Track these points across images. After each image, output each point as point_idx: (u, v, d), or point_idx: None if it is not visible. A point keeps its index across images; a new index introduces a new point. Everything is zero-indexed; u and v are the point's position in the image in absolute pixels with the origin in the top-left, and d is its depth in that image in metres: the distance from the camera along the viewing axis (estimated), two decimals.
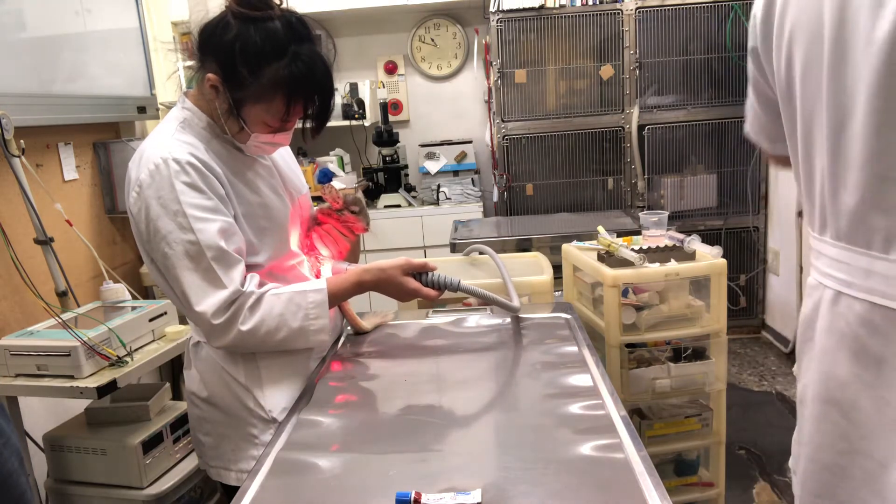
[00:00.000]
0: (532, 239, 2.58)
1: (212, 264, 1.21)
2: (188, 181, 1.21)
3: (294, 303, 1.27)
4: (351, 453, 1.01)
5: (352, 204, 1.49)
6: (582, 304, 2.08)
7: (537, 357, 1.32)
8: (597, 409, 1.07)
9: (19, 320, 2.09)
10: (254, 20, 1.20)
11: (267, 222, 1.33)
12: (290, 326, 1.27)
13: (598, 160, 3.63)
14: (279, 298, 1.27)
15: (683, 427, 1.94)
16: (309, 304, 1.28)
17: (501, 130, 3.56)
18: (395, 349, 1.45)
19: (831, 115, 0.87)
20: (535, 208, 3.65)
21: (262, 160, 1.39)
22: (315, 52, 1.23)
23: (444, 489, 0.86)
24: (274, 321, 1.25)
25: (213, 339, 1.26)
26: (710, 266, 1.84)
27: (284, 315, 1.26)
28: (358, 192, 1.56)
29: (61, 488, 1.90)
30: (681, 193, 3.63)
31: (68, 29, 2.40)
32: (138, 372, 1.81)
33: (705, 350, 1.93)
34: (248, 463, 1.33)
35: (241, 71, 1.20)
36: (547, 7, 3.44)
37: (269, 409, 1.31)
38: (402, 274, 1.37)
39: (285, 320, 1.26)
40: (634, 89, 3.53)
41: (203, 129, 1.29)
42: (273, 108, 1.24)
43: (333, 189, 1.46)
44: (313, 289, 1.30)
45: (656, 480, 0.86)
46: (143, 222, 1.22)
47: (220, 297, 1.21)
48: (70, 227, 2.25)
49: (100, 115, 2.56)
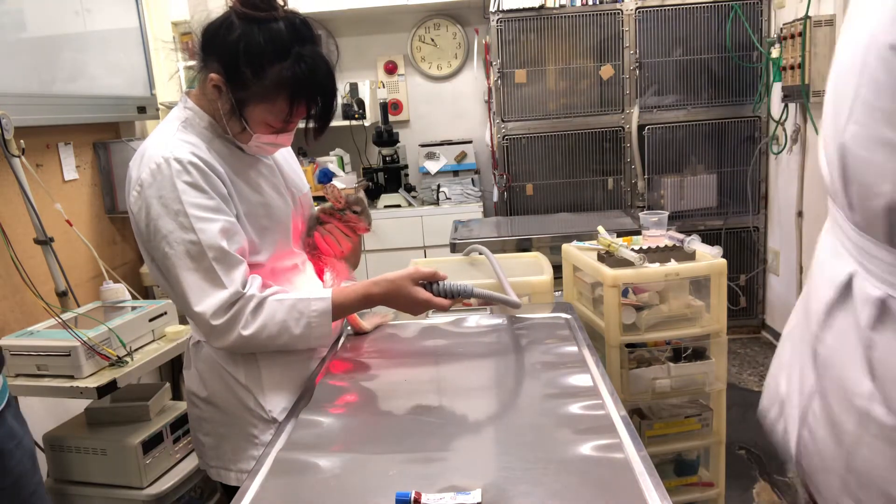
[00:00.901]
0: (532, 239, 2.58)
1: (213, 265, 1.20)
2: (190, 181, 1.21)
3: (297, 310, 1.26)
4: (351, 453, 1.01)
5: (354, 204, 1.49)
6: (582, 304, 2.08)
7: (537, 357, 1.32)
8: (597, 409, 1.07)
9: (19, 320, 2.09)
10: (257, 21, 1.20)
11: (269, 221, 1.33)
12: (291, 333, 1.26)
13: (598, 160, 3.64)
14: (282, 304, 1.26)
15: (683, 427, 1.94)
16: (312, 313, 1.27)
17: (501, 130, 3.56)
18: (395, 349, 1.45)
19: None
20: (535, 208, 3.65)
21: (263, 159, 1.39)
22: (318, 53, 1.23)
23: (444, 489, 0.86)
24: (276, 327, 1.24)
25: (212, 339, 1.26)
26: (710, 266, 1.83)
27: (287, 322, 1.25)
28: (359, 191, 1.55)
29: (61, 488, 1.90)
30: (681, 193, 3.63)
31: (68, 29, 2.40)
32: (138, 372, 1.81)
33: (705, 350, 1.93)
34: (248, 463, 1.33)
35: (245, 71, 1.20)
36: (547, 7, 3.44)
37: (270, 409, 1.31)
38: (412, 284, 1.34)
39: (287, 327, 1.25)
40: (634, 89, 3.53)
41: (205, 129, 1.29)
42: (276, 108, 1.24)
43: (335, 188, 1.46)
44: (317, 297, 1.28)
45: (656, 480, 0.86)
46: (143, 222, 1.22)
47: (220, 298, 1.21)
48: (70, 227, 2.25)
49: (100, 115, 2.56)
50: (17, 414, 1.35)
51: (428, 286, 1.35)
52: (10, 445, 1.26)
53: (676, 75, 3.55)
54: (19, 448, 1.28)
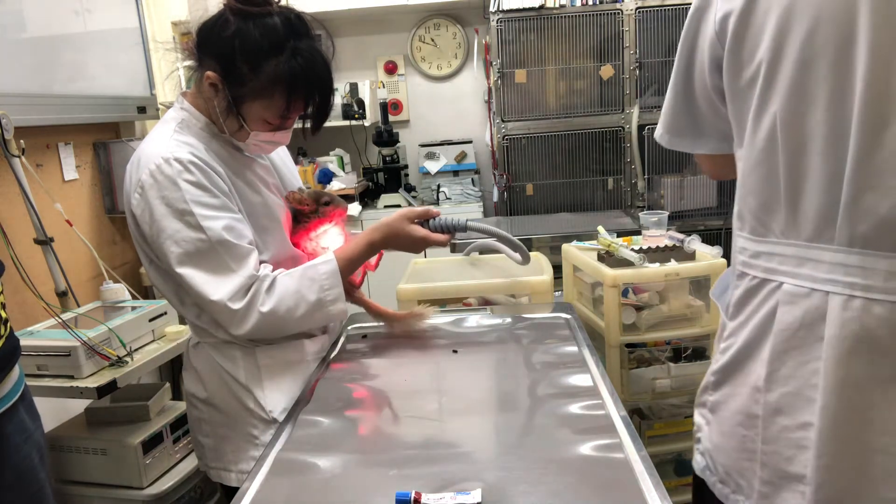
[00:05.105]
0: (532, 239, 2.58)
1: (224, 258, 1.21)
2: (193, 179, 1.20)
3: (307, 277, 1.28)
4: (351, 453, 1.01)
5: (320, 198, 1.46)
6: (582, 304, 2.08)
7: (537, 357, 1.32)
8: (597, 409, 1.07)
9: (19, 320, 2.08)
10: (252, 16, 1.20)
11: (269, 221, 1.33)
12: (307, 301, 1.27)
13: (598, 160, 3.63)
14: (292, 276, 1.28)
15: (683, 427, 1.94)
16: (321, 276, 1.29)
17: (501, 130, 3.56)
18: (395, 349, 1.45)
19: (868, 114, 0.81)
20: (535, 208, 3.65)
21: (260, 160, 1.39)
22: (314, 47, 1.23)
23: (444, 489, 0.86)
24: (291, 298, 1.26)
25: (235, 326, 1.24)
26: (710, 266, 1.84)
27: (300, 290, 1.27)
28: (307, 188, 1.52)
29: (61, 488, 1.89)
30: (681, 193, 3.63)
31: (68, 29, 2.40)
32: (138, 372, 1.81)
33: (705, 350, 1.93)
34: (248, 464, 1.33)
35: (241, 67, 1.20)
36: (547, 7, 3.43)
37: (270, 409, 1.31)
38: (408, 223, 1.37)
39: (302, 295, 1.27)
40: (634, 89, 3.52)
41: (201, 130, 1.29)
42: (273, 104, 1.23)
43: (295, 194, 1.43)
44: (322, 261, 1.31)
45: (656, 480, 0.86)
46: (147, 223, 1.22)
47: (235, 283, 1.21)
48: (70, 227, 2.25)
49: (100, 115, 2.56)
50: (30, 407, 1.33)
51: (424, 224, 1.39)
52: (20, 440, 1.25)
53: None
54: (28, 443, 1.27)
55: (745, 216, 0.98)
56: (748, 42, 0.90)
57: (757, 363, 0.95)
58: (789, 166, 0.89)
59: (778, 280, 0.92)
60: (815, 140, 0.86)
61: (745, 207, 0.97)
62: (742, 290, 0.97)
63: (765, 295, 0.93)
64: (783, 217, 0.91)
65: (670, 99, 1.12)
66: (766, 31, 0.87)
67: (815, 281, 0.88)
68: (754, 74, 0.90)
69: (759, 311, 0.94)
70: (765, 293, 0.93)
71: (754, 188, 0.94)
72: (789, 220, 0.90)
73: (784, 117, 0.88)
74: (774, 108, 0.88)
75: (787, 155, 0.89)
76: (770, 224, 0.93)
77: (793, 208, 0.90)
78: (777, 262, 0.92)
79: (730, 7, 0.91)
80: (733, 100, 0.96)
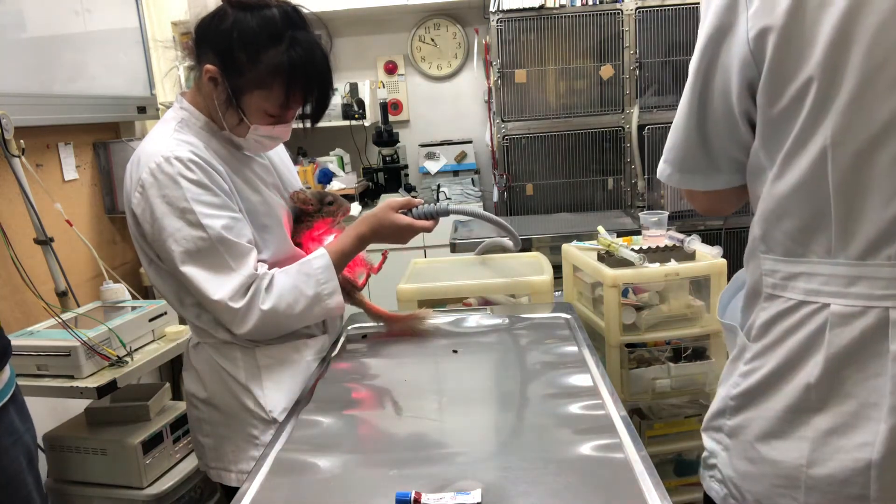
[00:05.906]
0: (532, 239, 2.58)
1: (224, 257, 1.22)
2: (194, 178, 1.21)
3: (303, 273, 1.30)
4: (351, 453, 1.01)
5: (323, 198, 1.48)
6: (582, 304, 2.08)
7: (537, 357, 1.32)
8: (597, 409, 1.07)
9: (19, 320, 2.08)
10: (250, 8, 1.21)
11: (269, 220, 1.34)
12: (306, 295, 1.28)
13: (598, 160, 3.63)
14: (288, 273, 1.29)
15: (683, 427, 1.94)
16: (316, 271, 1.30)
17: (501, 130, 3.56)
18: (395, 349, 1.45)
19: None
20: (535, 208, 3.65)
21: (259, 159, 1.39)
22: (312, 38, 1.24)
23: (444, 489, 0.86)
24: (290, 294, 1.27)
25: (236, 325, 1.25)
26: (710, 266, 1.84)
27: (298, 286, 1.28)
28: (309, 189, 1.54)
29: (61, 488, 1.90)
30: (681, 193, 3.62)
31: (68, 29, 2.40)
32: (138, 372, 1.81)
33: (705, 350, 1.93)
34: (248, 464, 1.32)
35: (240, 57, 1.21)
36: (547, 7, 3.43)
37: (270, 409, 1.31)
38: (393, 212, 1.39)
39: (300, 290, 1.28)
40: (634, 89, 3.52)
41: (201, 129, 1.29)
42: (272, 94, 1.24)
43: (300, 194, 1.44)
44: (315, 256, 1.33)
45: (656, 480, 0.86)
46: (147, 222, 1.22)
47: (236, 282, 1.22)
48: (70, 227, 2.25)
49: (100, 115, 2.56)
50: (21, 409, 1.32)
51: (408, 213, 1.40)
52: (7, 442, 1.24)
53: (676, 75, 3.55)
54: (16, 446, 1.26)
55: (776, 238, 0.94)
56: (791, 58, 0.84)
57: (795, 385, 0.91)
58: (843, 184, 0.85)
59: (821, 301, 0.88)
60: (879, 155, 0.82)
61: (776, 230, 0.93)
62: (773, 313, 0.93)
63: (803, 316, 0.90)
64: (830, 237, 0.87)
65: (681, 134, 1.05)
66: (817, 43, 0.82)
67: (871, 298, 0.85)
68: (799, 93, 0.85)
69: (797, 332, 0.90)
70: (803, 314, 0.90)
71: (791, 210, 0.90)
72: (839, 239, 0.87)
73: (839, 134, 0.83)
74: (829, 125, 0.83)
75: (840, 173, 0.84)
76: (810, 245, 0.89)
77: (843, 227, 0.86)
78: (819, 283, 0.88)
79: (767, 22, 0.85)
80: (768, 122, 0.90)
